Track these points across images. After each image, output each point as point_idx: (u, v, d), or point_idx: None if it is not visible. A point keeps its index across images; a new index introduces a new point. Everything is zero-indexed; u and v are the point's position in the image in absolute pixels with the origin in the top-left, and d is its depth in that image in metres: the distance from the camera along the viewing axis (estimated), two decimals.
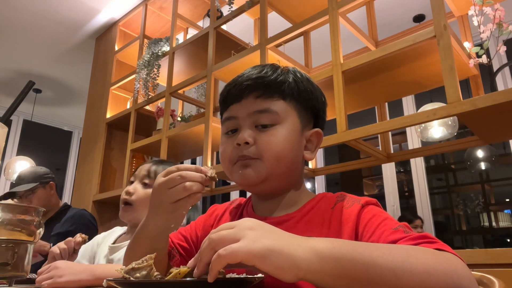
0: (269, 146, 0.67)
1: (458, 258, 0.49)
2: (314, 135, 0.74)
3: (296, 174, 0.73)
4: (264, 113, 0.68)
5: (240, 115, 0.70)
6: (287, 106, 0.70)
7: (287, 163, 0.69)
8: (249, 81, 0.70)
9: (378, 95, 1.96)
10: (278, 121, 0.68)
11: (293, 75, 0.72)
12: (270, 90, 0.69)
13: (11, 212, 0.76)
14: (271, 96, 0.69)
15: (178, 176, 0.61)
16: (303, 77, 0.74)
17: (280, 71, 0.72)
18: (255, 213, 0.75)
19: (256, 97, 0.69)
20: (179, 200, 0.61)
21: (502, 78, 3.18)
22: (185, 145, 2.55)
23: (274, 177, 0.68)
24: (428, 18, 3.16)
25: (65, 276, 0.92)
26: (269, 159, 0.67)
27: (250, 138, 0.67)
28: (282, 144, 0.67)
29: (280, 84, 0.70)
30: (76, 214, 2.13)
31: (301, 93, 0.71)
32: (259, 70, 0.72)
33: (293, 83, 0.71)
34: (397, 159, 2.18)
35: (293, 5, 2.22)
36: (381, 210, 0.65)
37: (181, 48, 2.62)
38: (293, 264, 0.44)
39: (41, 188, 2.12)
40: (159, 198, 0.63)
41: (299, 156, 0.72)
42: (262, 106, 0.68)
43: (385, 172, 3.78)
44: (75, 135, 5.48)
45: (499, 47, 1.50)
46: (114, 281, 0.50)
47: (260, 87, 0.69)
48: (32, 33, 3.55)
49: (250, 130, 0.68)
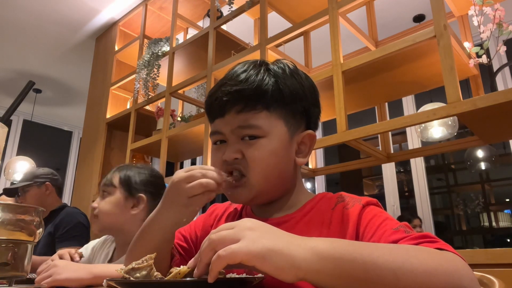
0: (254, 162, 0.65)
1: (459, 258, 0.49)
2: (307, 137, 0.71)
3: (289, 181, 0.72)
4: (246, 129, 0.66)
5: (225, 131, 0.68)
6: (271, 116, 0.66)
7: (275, 178, 0.68)
8: (229, 95, 0.66)
9: (378, 95, 1.96)
10: (262, 135, 0.66)
11: (276, 77, 0.67)
12: (251, 102, 0.66)
13: (11, 212, 0.75)
14: (254, 108, 0.66)
15: (199, 172, 0.62)
16: (287, 75, 0.69)
17: (262, 74, 0.67)
18: (255, 214, 0.75)
19: (237, 112, 0.66)
20: (195, 195, 0.62)
21: (502, 78, 3.18)
22: (185, 145, 2.55)
23: (263, 193, 0.68)
24: (428, 18, 3.16)
25: (64, 273, 0.92)
26: (256, 178, 0.66)
27: (237, 155, 0.66)
28: (267, 160, 0.66)
29: (262, 94, 0.66)
30: (66, 216, 2.11)
31: (285, 98, 0.67)
32: (240, 79, 0.67)
33: (276, 89, 0.66)
34: (397, 159, 2.18)
35: (293, 5, 2.22)
36: (381, 210, 0.64)
37: (181, 48, 2.62)
38: (293, 265, 0.44)
39: (35, 187, 2.16)
40: (176, 191, 0.63)
41: (289, 164, 0.70)
42: (244, 121, 0.66)
43: (385, 172, 3.78)
44: (75, 135, 5.48)
45: (499, 47, 1.50)
46: (114, 281, 0.50)
47: (240, 100, 0.66)
48: (32, 33, 3.55)
49: (236, 145, 0.67)
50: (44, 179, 2.19)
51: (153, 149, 2.66)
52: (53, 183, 2.22)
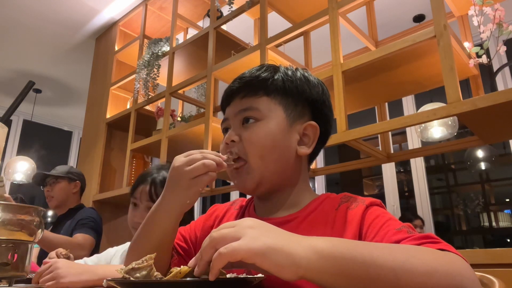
0: (251, 144, 0.69)
1: (461, 259, 0.49)
2: (309, 128, 0.72)
3: (290, 171, 0.72)
4: (247, 111, 0.71)
5: (230, 116, 0.74)
6: (271, 101, 0.71)
7: (273, 161, 0.69)
8: (235, 85, 0.74)
9: (378, 95, 1.96)
10: (260, 117, 0.70)
11: (282, 73, 0.73)
12: (253, 88, 0.72)
13: (11, 212, 0.76)
14: (255, 94, 0.72)
15: (200, 154, 0.65)
16: (294, 75, 0.74)
17: (269, 69, 0.74)
18: (257, 214, 0.75)
19: (242, 98, 0.73)
20: (197, 176, 0.64)
21: (502, 78, 3.18)
22: (185, 145, 2.55)
23: (267, 179, 0.70)
24: (428, 18, 3.16)
25: (68, 276, 0.92)
26: (253, 159, 0.69)
27: (235, 136, 0.71)
28: (263, 141, 0.69)
29: (263, 81, 0.72)
30: (85, 211, 2.25)
31: (287, 88, 0.72)
32: (249, 71, 0.74)
33: (279, 79, 0.72)
34: (397, 159, 2.18)
35: (293, 5, 2.21)
36: (385, 211, 0.65)
37: (181, 48, 2.62)
38: (293, 262, 0.44)
39: (66, 181, 2.31)
40: (178, 175, 0.65)
41: (288, 151, 0.71)
42: (245, 104, 0.72)
43: (385, 172, 3.77)
44: (75, 135, 5.48)
45: (499, 47, 1.50)
46: (114, 281, 0.50)
47: (244, 87, 0.73)
48: (32, 33, 3.55)
49: (237, 129, 0.72)
50: (77, 178, 2.34)
51: (153, 149, 2.66)
52: (81, 184, 2.37)
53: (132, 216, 1.24)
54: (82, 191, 2.40)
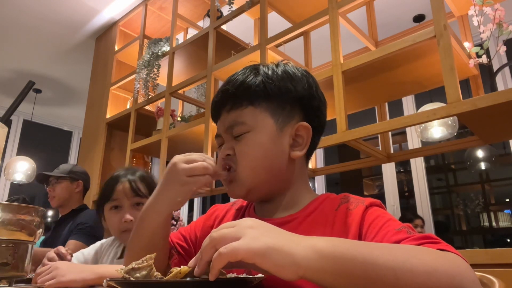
0: (243, 156, 0.69)
1: (461, 259, 0.48)
2: (301, 128, 0.70)
3: (284, 176, 0.71)
4: (234, 127, 0.70)
5: (221, 132, 0.73)
6: (256, 110, 0.69)
7: (264, 171, 0.69)
8: (219, 97, 0.73)
9: (378, 95, 1.96)
10: (248, 129, 0.69)
11: (263, 75, 0.70)
12: (237, 100, 0.70)
13: (11, 212, 0.75)
14: (240, 105, 0.70)
15: (200, 157, 0.67)
16: (274, 72, 0.71)
17: (251, 73, 0.71)
18: (257, 215, 0.75)
19: (228, 111, 0.71)
20: (194, 175, 0.65)
21: (502, 78, 3.18)
22: (185, 145, 2.55)
23: (256, 188, 0.70)
24: (428, 18, 3.16)
25: (68, 275, 0.92)
26: (244, 172, 0.69)
27: (229, 150, 0.70)
28: (254, 153, 0.68)
29: (245, 90, 0.69)
30: (87, 215, 2.20)
31: (270, 92, 0.69)
32: (227, 81, 0.73)
33: (261, 84, 0.69)
34: (397, 159, 2.18)
35: (293, 5, 2.22)
36: (385, 211, 0.64)
37: (181, 48, 2.62)
38: (293, 262, 0.44)
39: (68, 181, 2.26)
40: (175, 170, 0.66)
41: (280, 157, 0.69)
42: (233, 120, 0.70)
43: (385, 172, 3.77)
44: (75, 135, 5.48)
45: (499, 47, 1.50)
46: (114, 281, 0.50)
47: (228, 100, 0.71)
48: (32, 33, 3.55)
49: (230, 142, 0.71)
50: (79, 177, 2.30)
51: (153, 149, 2.66)
52: (84, 183, 2.32)
53: (116, 220, 1.21)
54: (85, 190, 2.36)
